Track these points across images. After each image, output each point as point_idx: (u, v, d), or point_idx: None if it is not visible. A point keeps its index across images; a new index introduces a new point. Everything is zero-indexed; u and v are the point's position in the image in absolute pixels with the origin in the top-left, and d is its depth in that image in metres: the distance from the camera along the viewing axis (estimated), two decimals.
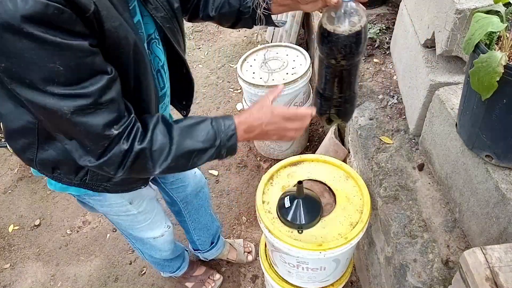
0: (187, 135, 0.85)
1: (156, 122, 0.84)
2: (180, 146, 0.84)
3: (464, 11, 1.06)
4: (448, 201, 1.20)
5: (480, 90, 0.81)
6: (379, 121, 1.52)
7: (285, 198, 1.23)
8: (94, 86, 0.70)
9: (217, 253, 1.90)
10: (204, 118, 0.88)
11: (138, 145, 0.79)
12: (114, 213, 1.22)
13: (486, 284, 0.70)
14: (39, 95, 0.68)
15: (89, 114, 0.72)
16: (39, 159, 0.94)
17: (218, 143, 0.86)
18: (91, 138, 0.75)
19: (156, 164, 0.83)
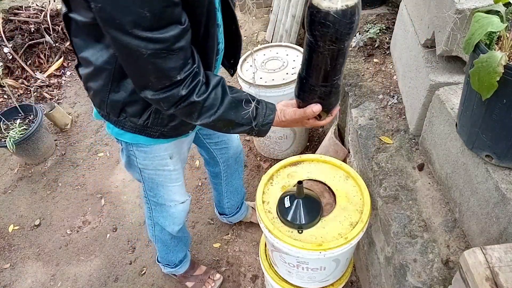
0: (234, 107, 0.99)
1: (217, 83, 0.97)
2: (224, 113, 0.97)
3: (464, 11, 1.06)
4: (448, 201, 1.20)
5: (480, 90, 0.81)
6: (379, 121, 1.52)
7: (285, 198, 1.23)
8: (170, 33, 0.81)
9: (241, 217, 2.07)
10: (252, 98, 1.03)
11: (196, 97, 0.92)
12: (153, 167, 1.30)
13: (486, 284, 0.70)
14: (124, 36, 0.79)
15: (162, 57, 0.83)
16: (110, 101, 1.05)
17: (254, 125, 1.03)
18: (156, 76, 0.87)
19: (200, 117, 0.97)
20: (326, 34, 0.81)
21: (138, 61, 0.84)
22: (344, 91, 1.74)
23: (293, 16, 2.77)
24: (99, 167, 2.63)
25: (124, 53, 0.84)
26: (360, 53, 1.83)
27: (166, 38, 0.81)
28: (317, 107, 1.01)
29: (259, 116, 1.03)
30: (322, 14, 0.78)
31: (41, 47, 3.49)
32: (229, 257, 2.03)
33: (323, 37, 0.82)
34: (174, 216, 1.53)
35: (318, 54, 0.88)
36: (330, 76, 0.93)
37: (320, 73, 0.92)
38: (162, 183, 1.38)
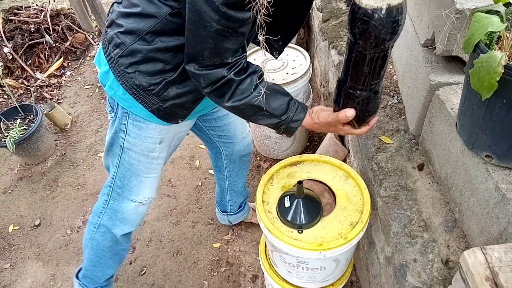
0: (265, 96, 0.99)
1: (255, 70, 1.00)
2: (256, 99, 0.99)
3: (464, 11, 1.06)
4: (448, 201, 1.20)
5: (480, 90, 0.81)
6: (379, 121, 1.52)
7: (285, 198, 1.23)
8: (243, 16, 0.84)
9: (242, 218, 2.06)
10: (287, 93, 1.05)
11: (233, 75, 0.95)
12: (139, 150, 1.27)
13: (486, 284, 0.70)
14: (205, 4, 0.81)
15: (225, 36, 0.87)
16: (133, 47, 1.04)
17: (284, 118, 1.04)
18: (211, 52, 0.90)
19: (231, 98, 0.99)
20: (366, 33, 0.77)
21: (204, 33, 0.86)
22: None
23: None
24: (99, 167, 2.62)
25: (194, 19, 0.86)
26: None
27: (240, 18, 0.84)
28: (351, 112, 0.99)
29: (290, 111, 1.03)
30: (363, 11, 0.75)
31: (41, 47, 3.50)
32: (229, 257, 2.03)
33: (363, 36, 0.78)
34: (130, 215, 1.43)
35: (357, 54, 0.85)
36: (368, 79, 0.89)
37: (358, 75, 0.89)
38: (138, 172, 1.33)
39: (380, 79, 0.91)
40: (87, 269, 1.59)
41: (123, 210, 1.41)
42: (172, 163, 2.53)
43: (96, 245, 1.51)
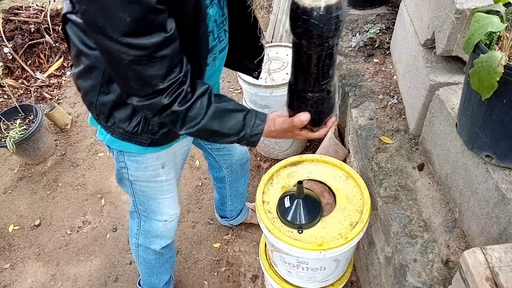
0: (218, 117, 0.96)
1: (203, 92, 0.94)
2: (208, 123, 0.95)
3: (464, 11, 1.06)
4: (448, 201, 1.20)
5: (480, 90, 0.81)
6: (379, 121, 1.52)
7: (285, 198, 1.23)
8: (151, 40, 0.79)
9: (242, 220, 2.06)
10: (241, 109, 1.00)
11: (177, 106, 0.90)
12: (145, 179, 1.27)
13: (486, 284, 0.70)
14: (106, 40, 0.78)
15: (143, 64, 0.82)
16: (99, 102, 1.04)
17: (242, 135, 0.99)
18: (138, 83, 0.86)
19: (183, 126, 0.95)
20: (308, 32, 0.76)
21: (120, 67, 0.83)
22: (344, 91, 1.74)
23: None
24: (99, 167, 2.62)
25: (107, 57, 0.84)
26: (360, 53, 1.83)
27: (148, 45, 0.79)
28: (305, 116, 0.94)
29: (247, 126, 0.99)
30: (302, 10, 0.74)
31: (41, 47, 3.49)
32: (229, 257, 2.03)
33: (306, 36, 0.77)
34: (162, 232, 1.48)
35: (303, 55, 0.82)
36: (318, 80, 0.86)
37: (307, 76, 0.86)
38: (153, 196, 1.34)
39: (331, 78, 0.88)
40: (144, 279, 1.71)
41: (154, 229, 1.46)
42: None
43: (143, 260, 1.61)
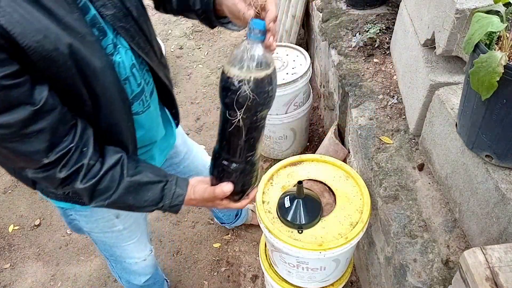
0: (133, 192, 0.87)
1: (114, 164, 0.84)
2: (120, 197, 0.86)
3: (464, 11, 1.06)
4: (448, 201, 1.20)
5: (480, 90, 0.81)
6: (379, 121, 1.52)
7: (285, 198, 1.23)
8: (15, 117, 0.68)
9: (243, 221, 2.05)
10: (159, 180, 0.91)
11: (80, 183, 0.80)
12: (100, 230, 1.17)
13: (486, 284, 0.70)
14: None
15: (15, 142, 0.71)
16: (19, 175, 0.94)
17: (160, 206, 0.92)
18: (20, 159, 0.76)
19: (92, 200, 0.85)
20: (237, 103, 0.73)
21: None
22: (344, 91, 1.74)
23: (293, 16, 2.77)
24: None
25: None
26: (360, 53, 1.83)
27: (12, 122, 0.68)
28: (228, 187, 0.88)
29: (166, 198, 0.91)
30: (231, 81, 0.72)
31: None
32: (229, 257, 2.03)
33: (233, 106, 0.74)
34: (137, 272, 1.41)
35: (230, 125, 0.78)
36: (243, 151, 0.83)
37: (232, 147, 0.83)
38: (114, 244, 1.25)
39: (256, 150, 0.86)
40: None
41: (128, 268, 1.39)
42: None
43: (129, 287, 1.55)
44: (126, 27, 0.84)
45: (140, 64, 0.92)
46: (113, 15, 0.80)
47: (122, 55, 0.85)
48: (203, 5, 0.90)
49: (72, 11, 0.71)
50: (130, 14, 0.84)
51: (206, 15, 0.90)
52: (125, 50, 0.86)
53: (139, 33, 0.88)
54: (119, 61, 0.84)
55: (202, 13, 0.91)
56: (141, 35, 0.89)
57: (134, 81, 0.90)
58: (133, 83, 0.90)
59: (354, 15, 2.04)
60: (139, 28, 0.88)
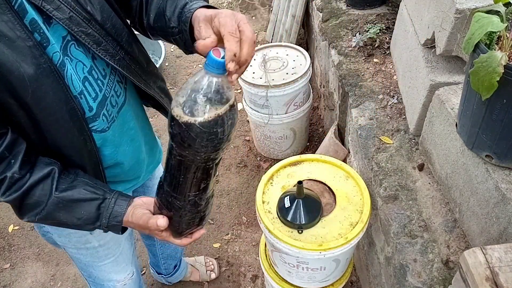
0: (63, 209, 0.81)
1: (43, 177, 0.78)
2: (51, 215, 0.80)
3: (464, 11, 1.06)
4: (448, 201, 1.20)
5: (480, 90, 0.81)
6: (379, 121, 1.52)
7: (285, 198, 1.23)
8: None
9: (181, 277, 1.90)
10: (95, 197, 0.83)
11: (2, 196, 0.76)
12: (73, 246, 1.09)
13: (486, 284, 0.70)
14: None
15: None
16: None
17: (97, 225, 0.84)
18: None
19: (24, 215, 0.81)
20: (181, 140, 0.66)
21: None
22: (344, 91, 1.74)
23: (293, 16, 2.77)
24: None
25: None
26: (360, 53, 1.83)
27: None
28: (162, 221, 0.79)
29: (102, 217, 0.83)
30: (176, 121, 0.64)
31: None
32: (229, 257, 2.03)
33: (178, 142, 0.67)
34: None
35: (173, 158, 0.71)
36: (185, 189, 0.75)
37: (173, 181, 0.75)
38: (90, 263, 1.16)
39: (202, 191, 0.76)
40: None
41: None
42: None
43: None
44: (87, 31, 0.75)
45: (110, 75, 0.85)
46: (69, 19, 0.72)
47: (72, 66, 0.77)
48: (180, 23, 0.79)
49: (4, 12, 0.66)
50: (93, 18, 0.76)
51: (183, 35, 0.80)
52: (76, 61, 0.77)
53: (106, 38, 0.79)
54: (70, 73, 0.76)
55: (178, 33, 0.81)
56: (110, 40, 0.80)
57: (89, 95, 0.81)
58: (89, 98, 0.81)
59: (354, 15, 2.04)
60: (106, 33, 0.79)
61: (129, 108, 0.94)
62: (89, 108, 0.81)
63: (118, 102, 0.89)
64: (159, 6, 0.83)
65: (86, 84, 0.80)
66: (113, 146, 0.92)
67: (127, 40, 0.85)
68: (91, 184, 0.84)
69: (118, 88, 0.89)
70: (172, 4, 0.80)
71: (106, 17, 0.80)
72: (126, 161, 0.99)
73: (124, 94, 0.91)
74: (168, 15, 0.80)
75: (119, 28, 0.83)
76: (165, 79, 1.07)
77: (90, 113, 0.82)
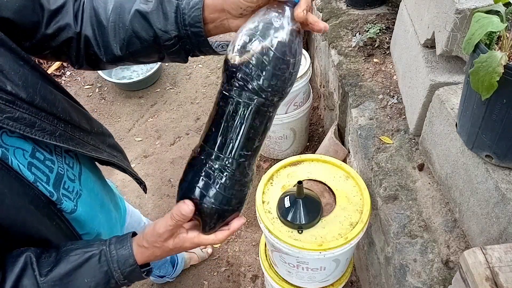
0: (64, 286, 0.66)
1: (20, 273, 0.63)
2: None
3: (464, 11, 1.06)
4: (448, 201, 1.20)
5: (480, 90, 0.81)
6: (379, 121, 1.52)
7: (285, 198, 1.23)
8: None
9: (182, 268, 1.92)
10: (89, 256, 0.68)
11: None
12: None
13: (486, 284, 0.70)
14: None
15: None
16: None
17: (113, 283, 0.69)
18: None
19: None
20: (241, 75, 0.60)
21: None
22: (344, 91, 1.74)
23: None
24: None
25: None
26: (360, 53, 1.83)
27: None
28: (186, 207, 0.64)
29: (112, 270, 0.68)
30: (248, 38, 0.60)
31: None
32: (229, 257, 2.03)
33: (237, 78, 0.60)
34: None
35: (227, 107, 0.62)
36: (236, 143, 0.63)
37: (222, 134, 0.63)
38: None
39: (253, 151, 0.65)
40: None
41: None
42: (172, 163, 2.53)
43: None
44: (14, 116, 0.61)
45: (54, 151, 0.73)
46: None
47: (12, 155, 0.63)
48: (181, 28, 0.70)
49: None
50: (18, 98, 0.62)
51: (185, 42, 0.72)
52: (13, 149, 0.64)
53: (39, 115, 0.66)
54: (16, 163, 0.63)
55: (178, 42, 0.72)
56: (44, 116, 0.67)
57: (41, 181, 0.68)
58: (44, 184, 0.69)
59: (354, 15, 2.04)
60: (38, 110, 0.66)
61: (87, 173, 0.83)
62: (49, 194, 0.69)
63: (75, 174, 0.78)
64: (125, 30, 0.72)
65: (33, 170, 0.67)
66: (88, 223, 0.80)
67: (63, 108, 0.73)
68: (79, 247, 0.70)
69: (69, 159, 0.77)
70: (158, 15, 0.71)
71: (33, 91, 0.66)
72: (104, 230, 0.87)
73: (77, 162, 0.80)
74: (161, 27, 0.70)
75: (50, 99, 0.70)
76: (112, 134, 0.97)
77: (53, 198, 0.70)
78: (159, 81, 3.14)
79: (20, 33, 0.69)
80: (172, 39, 0.72)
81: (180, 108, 2.87)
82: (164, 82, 3.13)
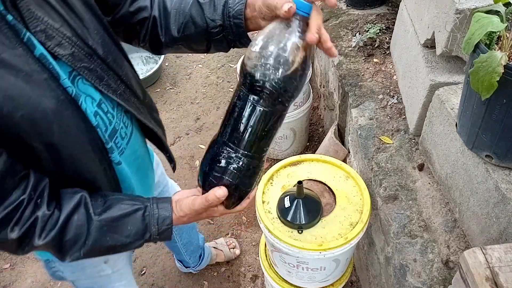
0: (109, 231, 0.76)
1: (75, 208, 0.73)
2: (97, 242, 0.75)
3: (464, 11, 1.06)
4: (448, 201, 1.20)
5: (480, 90, 0.81)
6: (379, 121, 1.52)
7: (285, 198, 1.23)
8: None
9: (207, 262, 1.93)
10: (136, 208, 0.78)
11: (39, 240, 0.70)
12: (87, 277, 1.06)
13: (486, 284, 0.70)
14: None
15: None
16: None
17: (147, 237, 0.79)
18: None
19: (66, 255, 0.75)
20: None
21: None
22: (344, 91, 1.74)
23: None
24: None
25: None
26: (360, 53, 1.83)
27: None
28: (221, 191, 0.74)
29: (151, 225, 0.79)
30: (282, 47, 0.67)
31: None
32: None
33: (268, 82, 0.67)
34: None
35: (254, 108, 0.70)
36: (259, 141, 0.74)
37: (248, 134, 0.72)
38: (101, 287, 1.12)
39: (269, 144, 0.78)
40: None
41: None
42: None
43: None
44: (90, 67, 0.72)
45: (116, 107, 0.82)
46: (71, 54, 0.69)
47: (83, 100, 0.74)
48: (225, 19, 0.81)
49: (14, 47, 0.62)
50: (95, 53, 0.74)
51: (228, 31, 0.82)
52: (84, 96, 0.74)
53: (108, 73, 0.77)
54: (84, 106, 0.73)
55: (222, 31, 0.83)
56: (112, 75, 0.78)
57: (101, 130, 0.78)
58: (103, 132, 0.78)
59: (354, 15, 2.04)
60: (108, 68, 0.77)
61: (136, 136, 0.92)
62: (105, 141, 0.79)
63: (127, 133, 0.87)
64: (184, 16, 0.85)
65: (97, 118, 0.77)
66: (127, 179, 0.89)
67: (126, 73, 0.83)
68: (127, 198, 0.81)
69: (126, 119, 0.86)
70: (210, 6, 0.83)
71: (107, 51, 0.77)
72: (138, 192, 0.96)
73: (131, 124, 0.89)
74: (210, 16, 0.82)
75: (119, 62, 0.81)
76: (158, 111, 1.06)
77: (107, 146, 0.80)
78: (159, 81, 3.14)
79: (107, 7, 0.82)
80: (217, 27, 0.82)
81: (180, 108, 2.87)
82: (164, 82, 3.13)
